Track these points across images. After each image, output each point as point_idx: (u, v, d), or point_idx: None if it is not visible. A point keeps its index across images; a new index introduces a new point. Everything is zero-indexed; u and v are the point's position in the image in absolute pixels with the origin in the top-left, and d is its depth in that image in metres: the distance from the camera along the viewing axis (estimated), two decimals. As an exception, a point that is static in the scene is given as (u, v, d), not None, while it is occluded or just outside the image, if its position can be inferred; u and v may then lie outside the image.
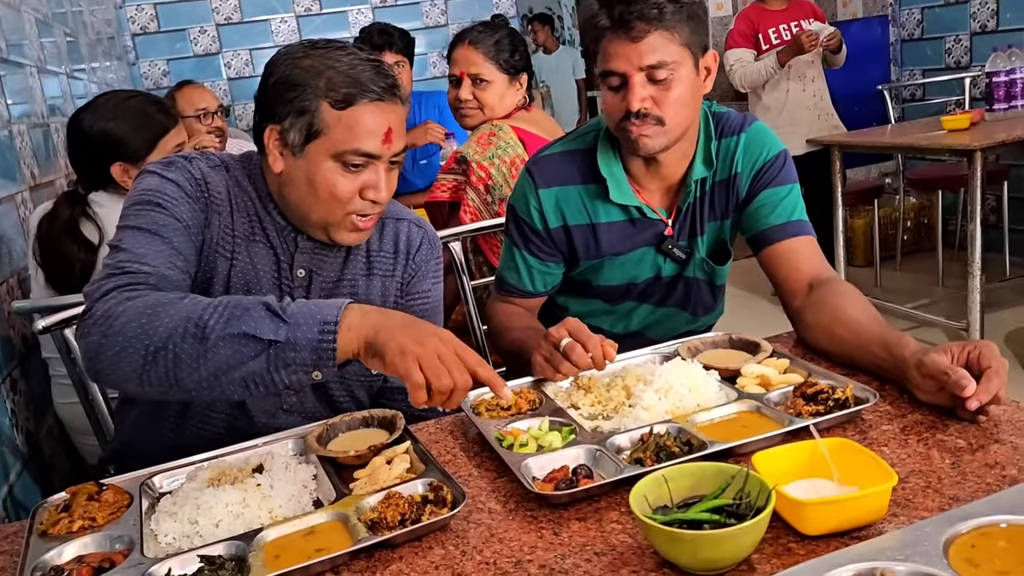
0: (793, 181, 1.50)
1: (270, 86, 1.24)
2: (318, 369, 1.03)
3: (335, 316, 1.03)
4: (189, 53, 5.35)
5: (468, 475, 1.11)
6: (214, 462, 1.15)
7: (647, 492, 0.89)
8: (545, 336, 1.28)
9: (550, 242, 1.56)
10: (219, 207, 1.28)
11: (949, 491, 0.92)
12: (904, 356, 1.14)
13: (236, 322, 1.02)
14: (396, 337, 1.02)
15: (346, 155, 1.21)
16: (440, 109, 3.26)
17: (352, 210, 1.25)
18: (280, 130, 1.23)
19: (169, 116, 2.01)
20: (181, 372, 1.03)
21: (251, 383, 1.04)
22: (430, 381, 1.00)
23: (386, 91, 1.22)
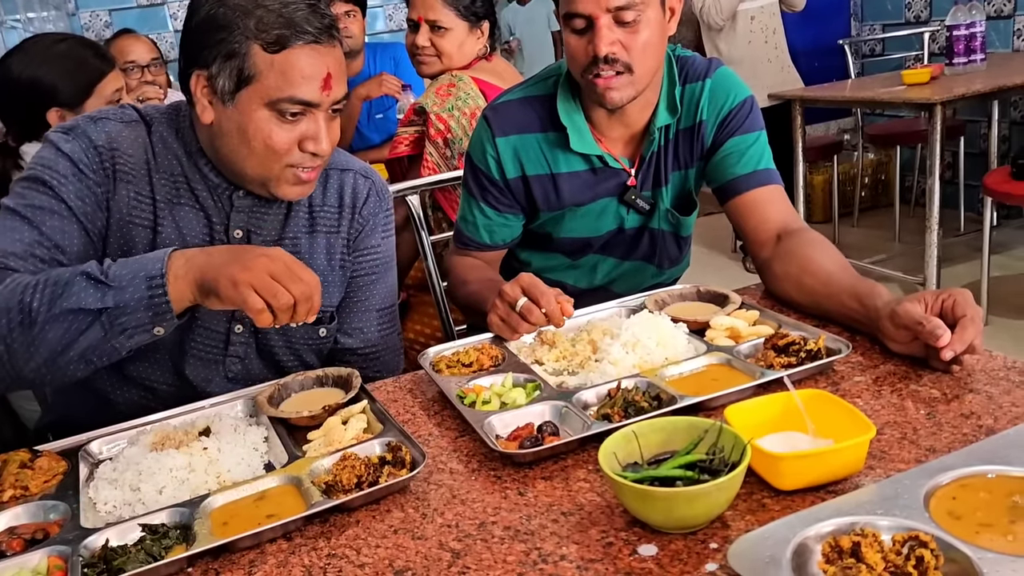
0: (760, 128, 1.45)
1: (194, 27, 1.12)
2: (157, 325, 1.00)
3: (160, 269, 1.00)
4: (132, 3, 5.13)
5: (428, 435, 1.06)
6: (157, 426, 1.09)
7: (616, 449, 0.85)
8: (499, 294, 1.23)
9: (508, 193, 1.50)
10: (129, 174, 1.18)
11: (925, 442, 0.89)
12: (876, 306, 1.11)
13: (59, 300, 0.98)
14: (224, 271, 0.98)
15: (281, 103, 1.11)
16: (396, 61, 3.15)
17: (291, 162, 1.15)
18: (208, 76, 1.12)
19: (105, 60, 1.90)
20: (17, 362, 0.99)
21: (92, 356, 1.00)
22: (268, 301, 0.98)
23: (323, 32, 1.12)
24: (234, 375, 1.30)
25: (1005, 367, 1.03)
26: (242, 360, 1.30)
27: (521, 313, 1.20)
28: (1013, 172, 3.10)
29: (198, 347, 1.26)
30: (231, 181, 1.21)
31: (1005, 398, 0.96)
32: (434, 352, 1.23)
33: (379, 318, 1.41)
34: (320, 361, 1.38)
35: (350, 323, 1.38)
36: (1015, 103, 4.17)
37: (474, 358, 1.18)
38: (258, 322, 0.98)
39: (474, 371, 1.16)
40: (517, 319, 1.20)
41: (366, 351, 1.41)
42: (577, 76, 1.38)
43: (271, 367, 1.33)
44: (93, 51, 1.90)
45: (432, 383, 1.17)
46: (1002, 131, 4.25)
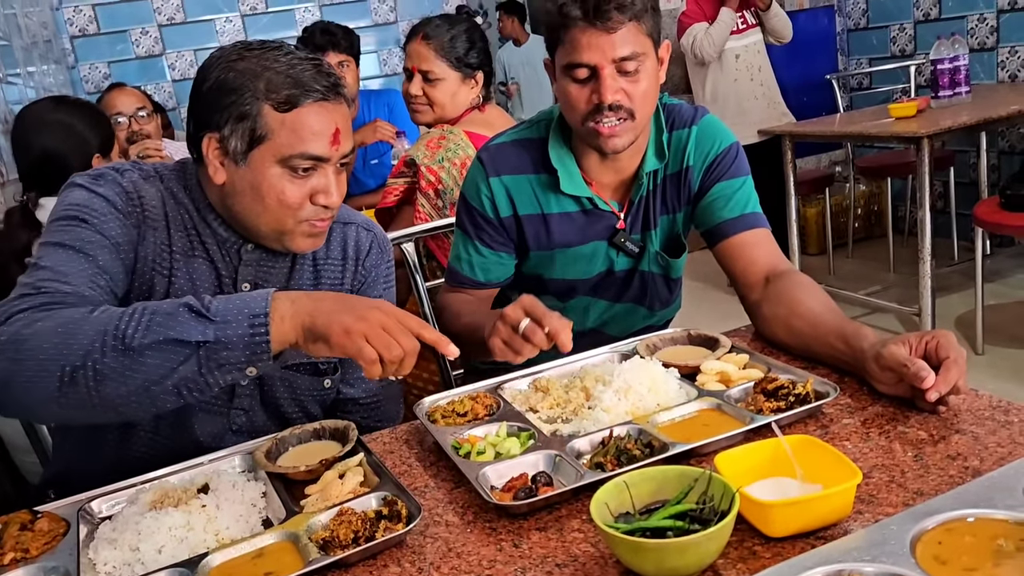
0: (746, 174, 1.48)
1: (204, 92, 1.17)
2: (252, 365, 1.00)
3: (264, 308, 1.00)
4: (131, 55, 5.21)
5: (424, 486, 1.07)
6: (156, 483, 1.09)
7: (608, 499, 0.86)
8: (501, 317, 1.21)
9: (502, 231, 1.53)
10: (154, 222, 1.22)
11: (913, 485, 0.90)
12: (862, 348, 1.13)
13: (159, 328, 0.97)
14: (337, 318, 1.00)
15: (293, 159, 1.15)
16: (390, 108, 3.20)
17: (304, 217, 1.19)
18: (220, 138, 1.16)
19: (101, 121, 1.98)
20: (105, 389, 0.97)
21: (183, 389, 0.99)
22: (381, 354, 0.99)
23: (330, 90, 1.17)
24: (239, 427, 1.32)
25: (990, 406, 1.04)
26: (247, 412, 1.32)
27: (524, 335, 1.17)
28: (1002, 202, 3.14)
29: (205, 400, 1.28)
30: (240, 235, 1.25)
31: (991, 438, 0.97)
32: (429, 402, 1.24)
33: None
34: (323, 411, 1.40)
35: (353, 373, 1.40)
36: (1002, 133, 4.22)
37: (469, 407, 1.20)
38: (368, 373, 1.00)
39: (469, 420, 1.17)
40: (520, 342, 1.18)
41: (367, 401, 1.43)
42: (576, 123, 1.40)
43: (275, 419, 1.35)
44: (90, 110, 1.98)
45: (427, 433, 1.18)
46: (991, 160, 4.30)
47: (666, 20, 4.90)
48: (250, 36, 5.35)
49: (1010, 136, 4.18)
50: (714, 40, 4.01)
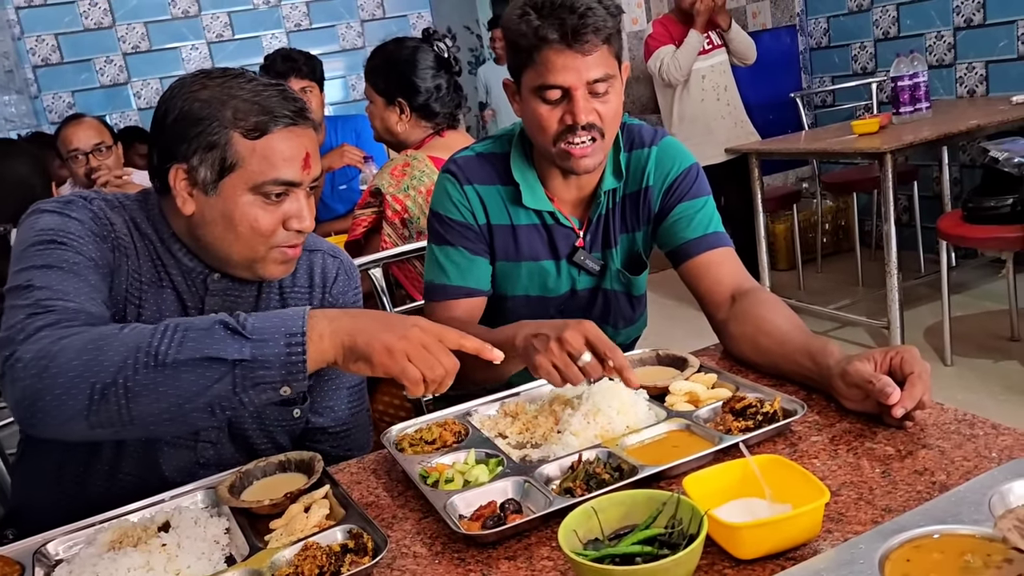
0: (706, 194, 1.49)
1: (169, 124, 1.15)
2: (287, 384, 0.99)
3: (301, 327, 0.99)
4: (95, 84, 5.17)
5: (392, 517, 1.05)
6: (115, 522, 1.07)
7: (577, 526, 0.85)
8: (559, 341, 1.14)
9: (480, 236, 1.50)
10: (126, 249, 1.20)
11: (881, 502, 0.90)
12: (828, 365, 1.14)
13: (193, 345, 0.96)
14: (379, 337, 1.00)
15: (265, 186, 1.14)
16: (357, 133, 3.19)
17: (276, 243, 1.18)
18: (187, 169, 1.15)
19: None
20: (138, 406, 0.96)
21: (217, 408, 0.98)
22: (424, 373, 1.00)
23: (298, 115, 1.17)
24: (207, 460, 1.29)
25: (956, 420, 1.05)
26: (215, 445, 1.29)
27: (584, 371, 1.13)
28: (965, 215, 3.19)
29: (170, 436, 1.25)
30: (206, 265, 1.23)
31: (956, 452, 0.97)
32: (397, 431, 1.22)
33: (349, 396, 1.41)
34: (292, 442, 1.38)
35: (321, 402, 1.38)
36: (963, 147, 4.30)
37: (437, 435, 1.18)
38: (411, 391, 1.00)
39: (437, 448, 1.16)
40: (576, 373, 1.13)
41: (337, 430, 1.40)
42: (546, 144, 1.39)
43: (244, 450, 1.32)
44: None
45: (395, 463, 1.16)
46: (953, 174, 4.37)
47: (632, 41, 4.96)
48: (217, 63, 5.33)
49: (971, 150, 4.26)
50: (680, 64, 4.05)
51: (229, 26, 5.38)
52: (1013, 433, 0.99)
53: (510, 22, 1.35)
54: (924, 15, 4.38)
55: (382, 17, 5.69)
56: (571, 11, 1.29)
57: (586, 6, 1.30)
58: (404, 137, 2.14)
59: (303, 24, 5.52)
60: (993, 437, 0.99)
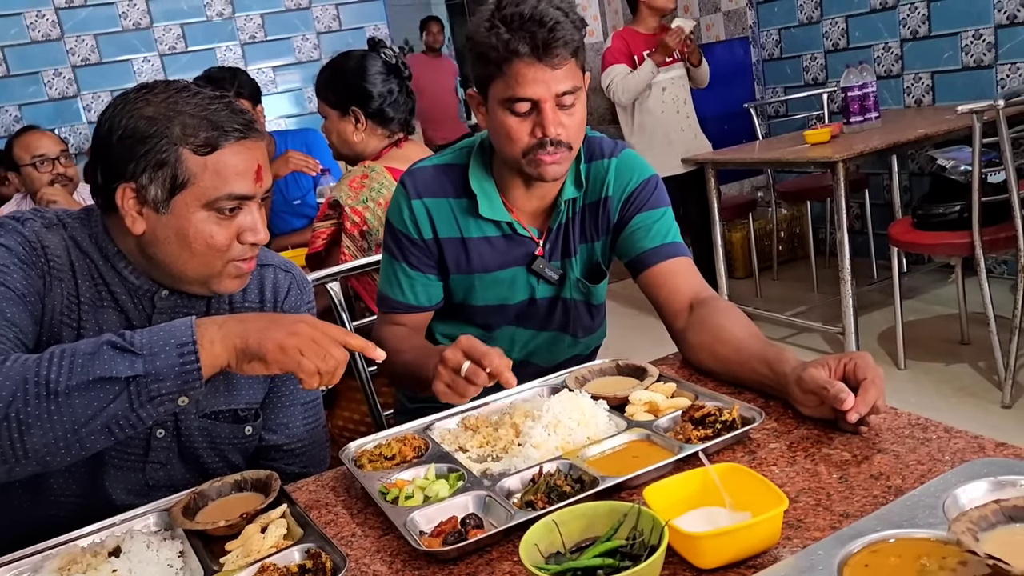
0: (665, 205, 1.50)
1: (114, 142, 1.12)
2: (184, 394, 1.01)
3: (190, 335, 1.00)
4: (43, 97, 5.06)
5: (351, 535, 1.03)
6: (63, 548, 1.03)
7: (538, 540, 0.84)
8: (442, 361, 1.20)
9: (427, 251, 1.52)
10: (60, 272, 1.17)
11: (839, 507, 0.91)
12: (784, 372, 1.15)
13: (83, 369, 0.95)
14: (269, 335, 1.02)
15: (219, 202, 1.13)
16: (308, 146, 3.16)
17: (231, 257, 1.17)
18: (136, 187, 1.12)
19: None
20: (31, 438, 0.94)
21: (114, 427, 0.99)
22: (317, 366, 1.03)
23: (247, 127, 1.16)
24: (156, 482, 1.26)
25: (910, 424, 1.07)
26: (164, 466, 1.26)
27: (467, 377, 1.17)
28: (915, 222, 3.26)
29: (118, 455, 1.22)
30: (154, 282, 1.21)
31: (911, 456, 0.99)
32: (355, 447, 1.21)
33: (304, 412, 1.39)
34: (245, 460, 1.35)
35: (275, 419, 1.36)
36: (912, 156, 4.40)
37: (396, 450, 1.17)
38: (307, 385, 1.04)
39: (397, 464, 1.15)
40: (464, 384, 1.18)
41: (292, 447, 1.38)
42: (515, 156, 1.39)
43: (195, 470, 1.29)
44: None
45: (354, 479, 1.14)
46: (903, 182, 4.47)
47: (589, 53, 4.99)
48: (170, 75, 5.25)
49: (919, 158, 4.36)
50: (629, 88, 4.07)
51: (182, 38, 5.31)
52: (965, 436, 1.01)
53: (477, 35, 1.35)
54: (872, 27, 4.48)
55: (338, 29, 5.65)
56: (540, 24, 1.30)
57: (554, 20, 1.30)
58: (362, 148, 2.13)
59: (258, 36, 5.47)
60: (946, 440, 1.01)
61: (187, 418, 1.25)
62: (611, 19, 5.90)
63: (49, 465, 0.99)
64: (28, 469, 0.98)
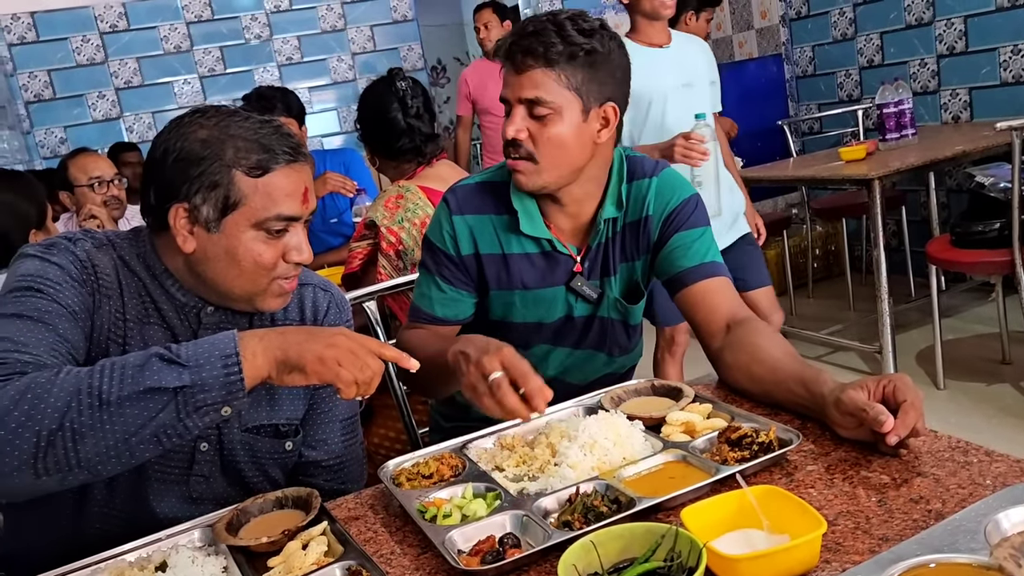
0: (705, 224, 1.51)
1: (169, 164, 1.17)
2: (227, 404, 1.04)
3: (234, 348, 1.04)
4: (88, 119, 5.19)
5: (391, 553, 1.05)
6: (111, 563, 1.06)
7: (576, 560, 0.85)
8: (476, 362, 1.17)
9: (463, 269, 1.54)
10: (108, 290, 1.21)
11: (878, 531, 0.91)
12: (822, 393, 1.15)
13: (134, 380, 0.99)
14: (308, 347, 1.06)
15: (268, 222, 1.18)
16: (346, 166, 3.22)
17: (276, 275, 1.21)
18: (188, 208, 1.17)
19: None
20: (84, 447, 0.98)
21: (163, 436, 1.02)
22: (355, 375, 1.07)
23: (296, 151, 1.21)
24: (199, 495, 1.29)
25: (950, 447, 1.06)
26: (207, 479, 1.29)
27: (491, 387, 1.14)
28: (953, 240, 3.22)
29: (161, 468, 1.25)
30: (200, 299, 1.25)
31: (951, 480, 0.98)
32: (394, 465, 1.22)
33: (342, 429, 1.41)
34: (285, 476, 1.37)
35: (314, 436, 1.39)
36: (949, 172, 4.35)
37: (434, 469, 1.18)
38: (345, 395, 1.07)
39: (435, 482, 1.16)
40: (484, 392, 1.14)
41: (330, 463, 1.40)
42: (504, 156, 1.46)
43: (236, 484, 1.32)
44: None
45: (393, 498, 1.16)
46: (940, 199, 4.42)
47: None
48: (209, 97, 5.37)
49: (957, 175, 4.31)
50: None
51: (221, 60, 5.43)
52: (1007, 460, 1.00)
53: None
54: (907, 43, 4.45)
55: (373, 50, 5.74)
56: (519, 31, 1.39)
57: (534, 28, 1.37)
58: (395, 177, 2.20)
59: (295, 58, 5.57)
60: (987, 464, 1.00)
61: (230, 432, 1.28)
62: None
63: (100, 474, 1.02)
64: (80, 478, 1.02)
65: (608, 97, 1.41)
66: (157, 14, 5.26)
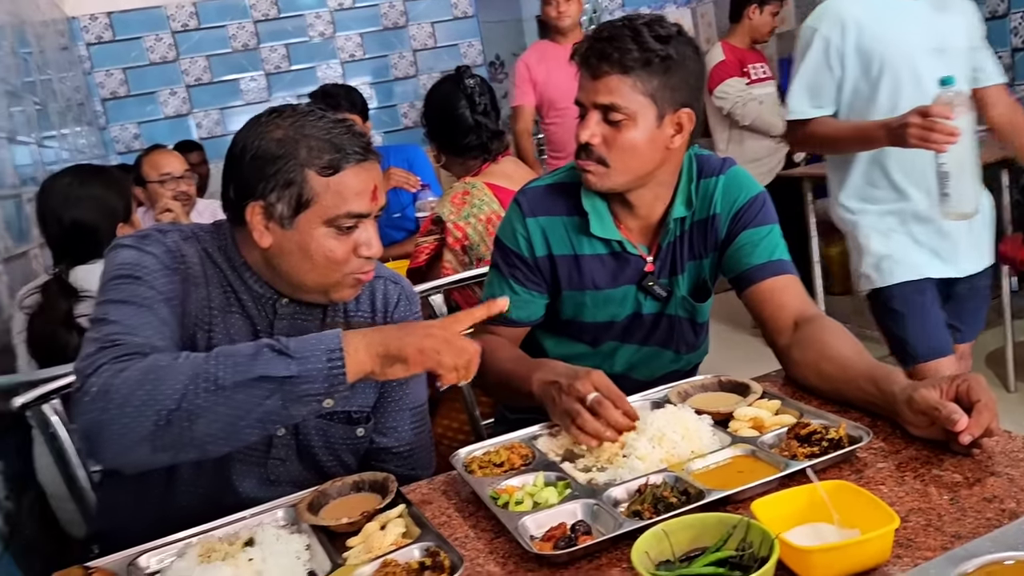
0: (773, 222, 1.51)
1: (247, 163, 1.22)
2: (329, 396, 1.09)
3: (338, 343, 1.09)
4: (159, 115, 5.36)
5: (465, 537, 1.09)
6: (202, 537, 1.12)
7: (648, 547, 0.87)
8: (568, 388, 1.24)
9: (535, 270, 1.57)
10: (196, 279, 1.27)
11: (950, 528, 0.91)
12: (893, 392, 1.15)
13: (245, 368, 1.06)
14: (407, 341, 1.12)
15: (339, 219, 1.22)
16: (409, 162, 3.27)
17: (348, 271, 1.26)
18: (264, 205, 1.22)
19: None
20: (199, 428, 1.06)
21: (268, 422, 1.09)
22: (454, 361, 1.12)
23: (366, 150, 1.25)
24: (276, 477, 1.35)
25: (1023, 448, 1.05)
26: (284, 462, 1.35)
27: (591, 406, 1.21)
28: (1026, 239, 3.14)
29: (243, 451, 1.31)
30: (275, 290, 1.30)
31: (1026, 480, 0.98)
32: (465, 453, 1.26)
33: (412, 417, 1.46)
34: (357, 461, 1.43)
35: (385, 423, 1.43)
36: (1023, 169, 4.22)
37: (505, 457, 1.22)
38: (447, 380, 1.13)
39: (505, 471, 1.19)
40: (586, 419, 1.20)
41: (400, 450, 1.45)
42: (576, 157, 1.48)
43: (311, 468, 1.38)
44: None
45: (465, 484, 1.20)
46: (1013, 197, 4.29)
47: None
48: (274, 94, 5.50)
49: (1030, 172, 4.18)
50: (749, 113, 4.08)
51: (286, 58, 5.55)
52: (1083, 461, 0.99)
53: None
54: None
55: (433, 47, 5.81)
56: (596, 36, 1.41)
57: (611, 35, 1.39)
58: (460, 174, 2.24)
59: (357, 55, 5.67)
60: (1063, 465, 0.99)
61: (306, 418, 1.33)
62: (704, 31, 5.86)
63: (208, 453, 1.11)
64: (191, 455, 1.10)
65: (682, 103, 1.42)
66: (226, 13, 5.41)
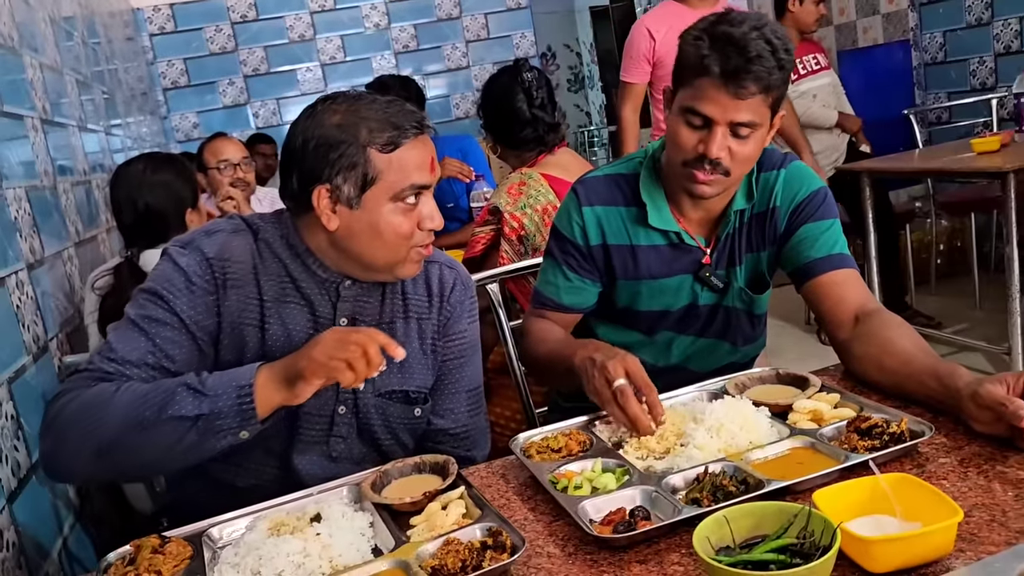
0: (833, 216, 1.51)
1: (311, 150, 1.26)
2: (243, 429, 1.18)
3: (249, 379, 1.18)
4: (218, 105, 5.49)
5: (524, 519, 1.11)
6: (271, 511, 1.16)
7: (709, 533, 0.89)
8: (601, 366, 1.28)
9: (590, 259, 1.58)
10: (238, 280, 1.32)
11: (1015, 524, 0.91)
12: (958, 387, 1.14)
13: (165, 407, 1.16)
14: (302, 354, 1.18)
15: (403, 193, 1.27)
16: (464, 153, 3.30)
17: (414, 244, 1.30)
18: (331, 188, 1.26)
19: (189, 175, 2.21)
20: (130, 459, 1.20)
21: (189, 456, 1.20)
22: (348, 360, 1.14)
23: (422, 124, 1.30)
24: (337, 455, 1.39)
25: (1093, 447, 1.04)
26: (345, 440, 1.39)
27: (614, 393, 1.25)
28: (1094, 237, 3.04)
29: (306, 432, 1.36)
30: (341, 273, 1.34)
31: (1095, 479, 0.96)
32: (524, 438, 1.28)
33: (468, 399, 1.49)
34: (414, 441, 1.46)
35: (442, 405, 1.47)
36: (1091, 166, 4.09)
37: (563, 443, 1.24)
38: (345, 382, 1.15)
39: (563, 456, 1.21)
40: (608, 398, 1.26)
41: (456, 431, 1.48)
42: (676, 162, 1.45)
43: (371, 447, 1.42)
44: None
45: (523, 468, 1.22)
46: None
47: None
48: (329, 84, 5.58)
49: (1100, 169, 4.04)
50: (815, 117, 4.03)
51: (342, 49, 5.63)
52: None
53: (686, 39, 1.40)
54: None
55: (486, 38, 5.84)
56: (740, 52, 1.31)
57: (757, 52, 1.31)
58: (516, 165, 2.27)
59: (411, 46, 5.73)
60: None
61: (365, 396, 1.37)
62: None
63: (152, 475, 1.28)
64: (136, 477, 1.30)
65: (780, 107, 1.42)
66: (284, 4, 5.51)
